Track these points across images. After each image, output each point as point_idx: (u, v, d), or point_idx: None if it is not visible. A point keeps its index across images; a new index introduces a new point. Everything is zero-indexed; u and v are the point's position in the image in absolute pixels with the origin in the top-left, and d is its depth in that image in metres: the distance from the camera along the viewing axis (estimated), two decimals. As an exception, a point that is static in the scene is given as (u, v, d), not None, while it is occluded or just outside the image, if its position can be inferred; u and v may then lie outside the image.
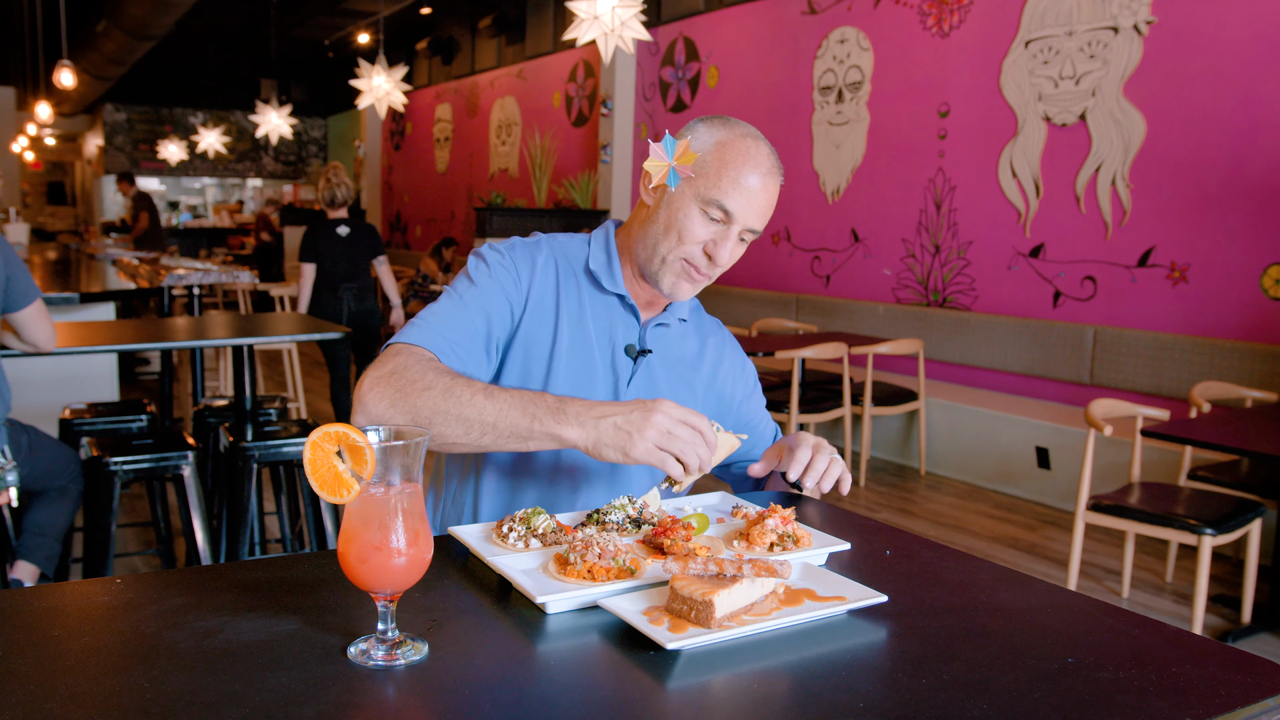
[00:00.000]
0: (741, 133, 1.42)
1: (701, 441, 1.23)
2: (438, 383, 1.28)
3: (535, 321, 1.47)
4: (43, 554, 2.93)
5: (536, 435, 1.25)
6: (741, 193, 1.39)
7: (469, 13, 11.07)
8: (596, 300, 1.51)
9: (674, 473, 1.24)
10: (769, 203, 1.43)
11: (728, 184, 1.39)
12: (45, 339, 2.79)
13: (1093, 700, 0.88)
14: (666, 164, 1.40)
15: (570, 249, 1.54)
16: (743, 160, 1.40)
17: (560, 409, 1.24)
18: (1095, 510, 3.31)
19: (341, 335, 3.44)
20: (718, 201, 1.39)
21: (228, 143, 13.46)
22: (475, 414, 1.25)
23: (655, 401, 1.23)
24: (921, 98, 6.02)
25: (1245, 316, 4.53)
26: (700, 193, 1.40)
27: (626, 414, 1.22)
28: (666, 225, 1.43)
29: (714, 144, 1.41)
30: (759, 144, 1.43)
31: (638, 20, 5.05)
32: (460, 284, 1.47)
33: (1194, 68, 4.66)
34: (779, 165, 1.45)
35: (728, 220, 1.40)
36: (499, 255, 1.49)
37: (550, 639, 1.00)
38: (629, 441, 1.21)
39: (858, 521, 1.42)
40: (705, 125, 1.44)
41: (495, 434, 1.26)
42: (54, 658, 0.90)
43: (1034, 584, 1.18)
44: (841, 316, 6.50)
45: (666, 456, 1.22)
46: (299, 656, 0.92)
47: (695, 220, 1.41)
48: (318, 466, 0.92)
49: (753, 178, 1.40)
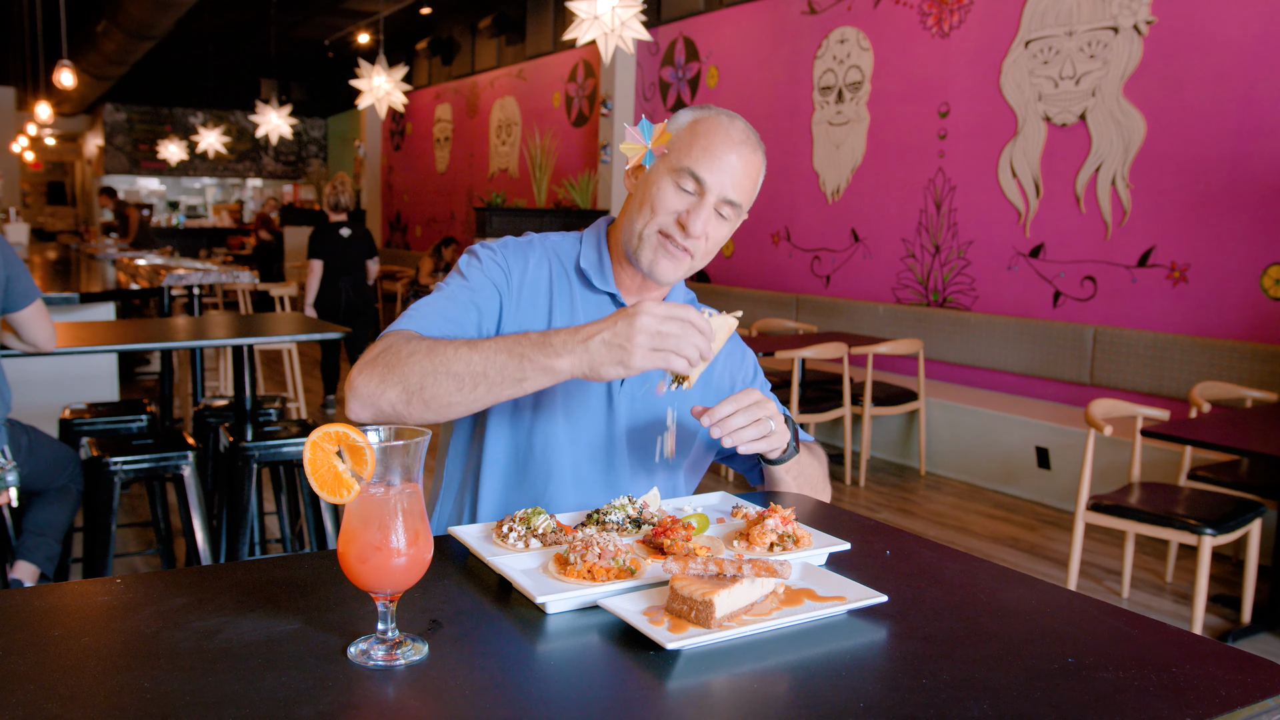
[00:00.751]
0: (716, 112, 1.44)
1: (695, 330, 1.19)
2: (420, 347, 1.29)
3: (528, 321, 1.47)
4: (43, 554, 2.93)
5: (529, 374, 1.24)
6: (712, 159, 1.39)
7: (469, 13, 11.07)
8: (588, 299, 1.51)
9: (679, 368, 1.21)
10: (745, 173, 1.42)
11: (698, 152, 1.39)
12: (45, 339, 2.80)
13: (1093, 700, 0.88)
14: (643, 146, 1.41)
15: (562, 248, 1.54)
16: (714, 131, 1.41)
17: (545, 342, 1.23)
18: (1095, 510, 3.31)
19: (341, 335, 3.45)
20: (688, 168, 1.39)
21: (228, 143, 13.45)
22: (464, 367, 1.25)
23: (635, 306, 1.20)
24: (921, 98, 6.02)
25: (1245, 316, 4.53)
26: (671, 163, 1.41)
27: (612, 327, 1.20)
28: (641, 201, 1.44)
29: (688, 122, 1.43)
30: (733, 120, 1.43)
31: (638, 20, 5.05)
32: (451, 279, 1.48)
33: (1194, 68, 4.66)
34: (758, 141, 1.45)
35: (700, 190, 1.40)
36: (490, 252, 1.49)
37: (550, 639, 1.00)
38: (624, 353, 1.19)
39: (858, 521, 1.42)
40: (685, 111, 1.46)
41: (488, 383, 1.25)
42: (54, 658, 0.90)
43: (1034, 584, 1.18)
44: (841, 316, 6.51)
45: (667, 355, 1.19)
46: (299, 656, 0.92)
47: (668, 192, 1.41)
48: (318, 466, 0.92)
49: (724, 146, 1.40)
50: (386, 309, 11.12)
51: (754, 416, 1.34)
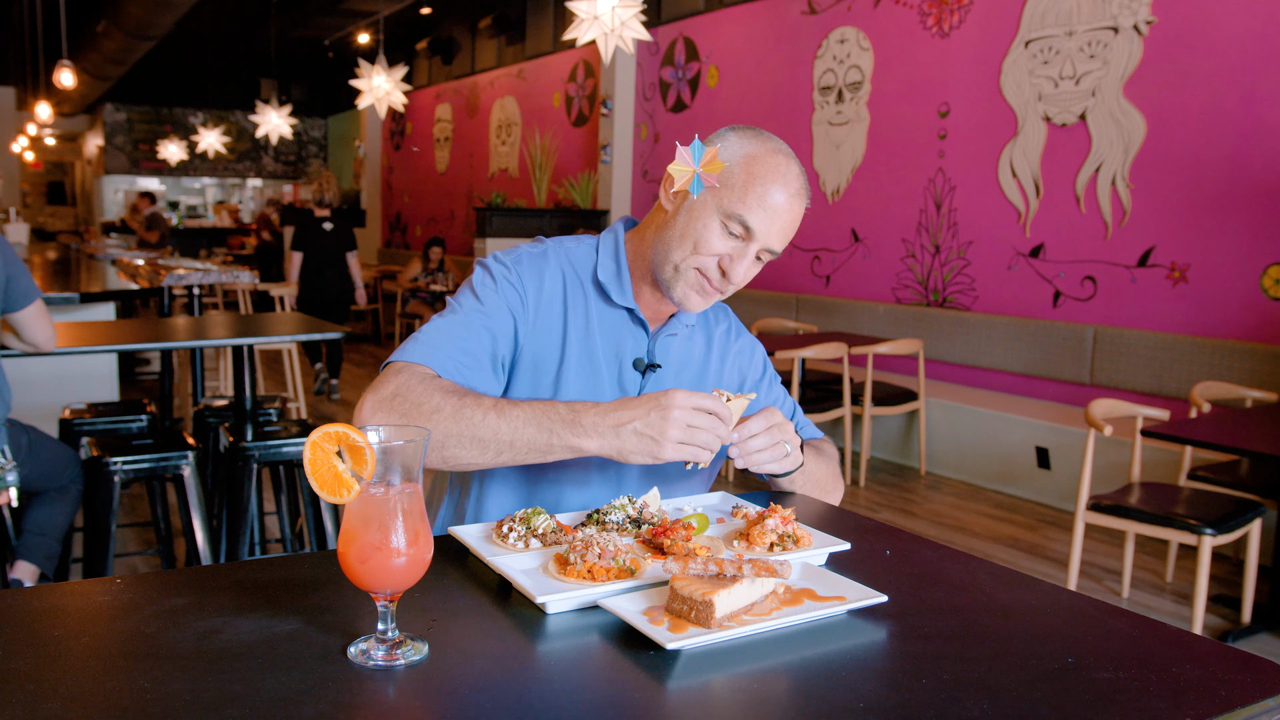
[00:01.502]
0: (773, 148, 1.37)
1: (719, 423, 1.23)
2: (446, 404, 1.25)
3: (542, 337, 1.43)
4: (43, 554, 2.93)
5: (556, 449, 1.24)
6: (766, 210, 1.34)
7: (469, 13, 11.07)
8: (604, 313, 1.47)
9: (702, 460, 1.25)
10: (792, 224, 1.38)
11: (753, 199, 1.34)
12: (45, 339, 2.80)
13: (1093, 700, 0.88)
14: (691, 169, 1.33)
15: (577, 256, 1.49)
16: (771, 177, 1.35)
17: (575, 420, 1.23)
18: (1095, 510, 3.31)
19: (340, 335, 3.45)
20: (740, 216, 1.34)
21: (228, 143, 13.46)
22: (490, 434, 1.24)
23: (666, 396, 1.22)
24: (921, 98, 6.02)
25: (1245, 316, 4.53)
26: (723, 204, 1.35)
27: (645, 416, 1.21)
28: (683, 233, 1.38)
29: (743, 156, 1.36)
30: (790, 162, 1.37)
31: (638, 20, 5.05)
32: (465, 299, 1.42)
33: (1194, 68, 4.66)
34: (807, 187, 1.40)
35: (747, 237, 1.36)
36: (504, 269, 1.44)
37: (550, 639, 1.00)
38: (655, 446, 1.21)
39: (858, 521, 1.42)
40: (736, 135, 1.39)
41: (513, 451, 1.25)
42: (54, 658, 0.90)
43: (1034, 584, 1.18)
44: (841, 316, 6.50)
45: (695, 449, 1.22)
46: (299, 656, 0.92)
47: (714, 232, 1.36)
48: (318, 466, 0.92)
49: (779, 196, 1.35)
50: (386, 309, 11.12)
51: (774, 440, 1.36)
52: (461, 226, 11.82)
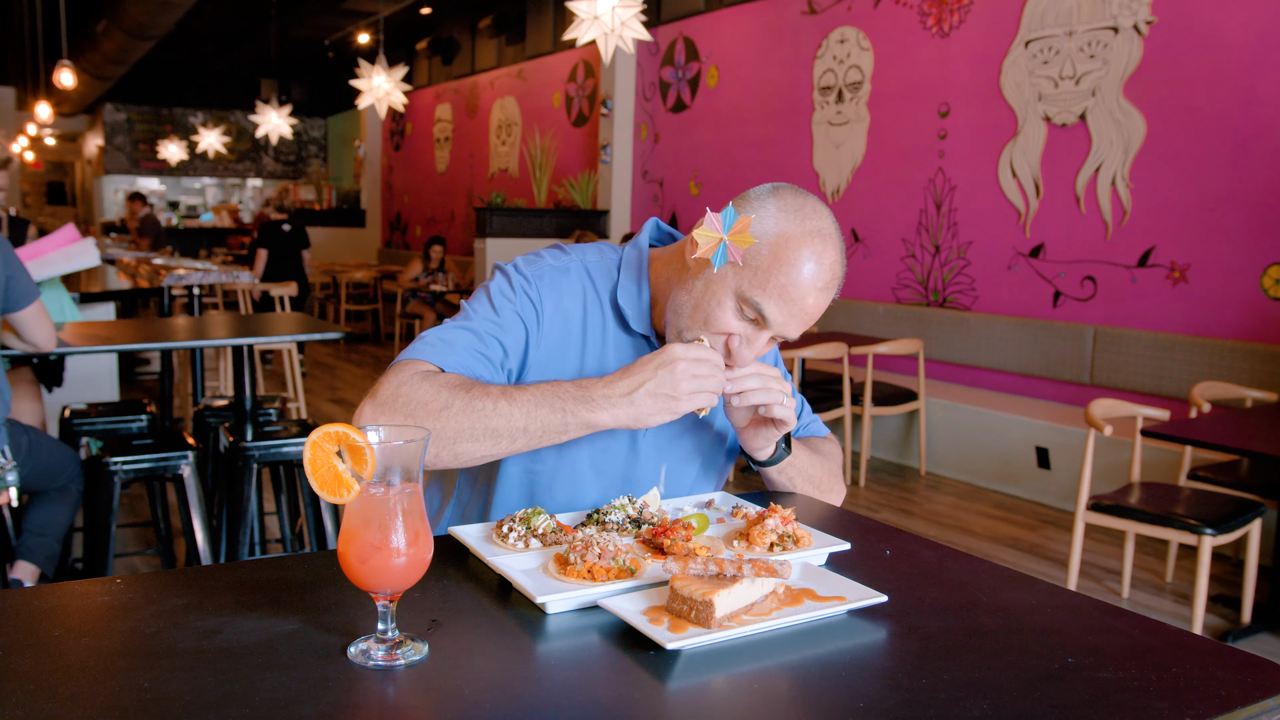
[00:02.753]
0: (811, 229, 1.25)
1: (718, 368, 1.24)
2: (454, 400, 1.22)
3: (555, 356, 1.39)
4: (43, 554, 2.93)
5: (571, 427, 1.23)
6: (787, 303, 1.25)
7: (469, 13, 11.07)
8: (622, 341, 1.42)
9: (708, 405, 1.26)
10: (814, 316, 1.28)
11: (774, 289, 1.24)
12: (45, 339, 2.80)
13: (1093, 700, 0.88)
14: (718, 238, 1.21)
15: (599, 273, 1.42)
16: (800, 268, 1.24)
17: (585, 395, 1.22)
18: (1095, 510, 3.31)
19: (340, 335, 3.45)
20: (757, 303, 1.25)
21: (228, 143, 13.46)
22: (503, 423, 1.21)
23: (665, 353, 1.22)
24: (921, 98, 6.02)
25: (1245, 316, 4.53)
26: (741, 286, 1.25)
27: (653, 378, 1.21)
28: (696, 304, 1.30)
29: (775, 235, 1.24)
30: (825, 248, 1.25)
31: (638, 20, 5.05)
32: (480, 306, 1.37)
33: (1194, 68, 4.66)
34: (841, 275, 1.29)
35: (762, 324, 1.27)
36: (525, 281, 1.38)
37: (550, 639, 1.00)
38: (672, 401, 1.21)
39: (858, 521, 1.42)
40: (776, 205, 1.27)
41: (528, 437, 1.23)
42: (54, 658, 0.90)
43: (1034, 584, 1.18)
44: (841, 316, 6.51)
45: (706, 395, 1.23)
46: (299, 656, 0.92)
47: (728, 311, 1.27)
48: (318, 466, 0.92)
49: (805, 290, 1.25)
50: (386, 309, 11.12)
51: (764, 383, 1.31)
52: (461, 226, 11.82)
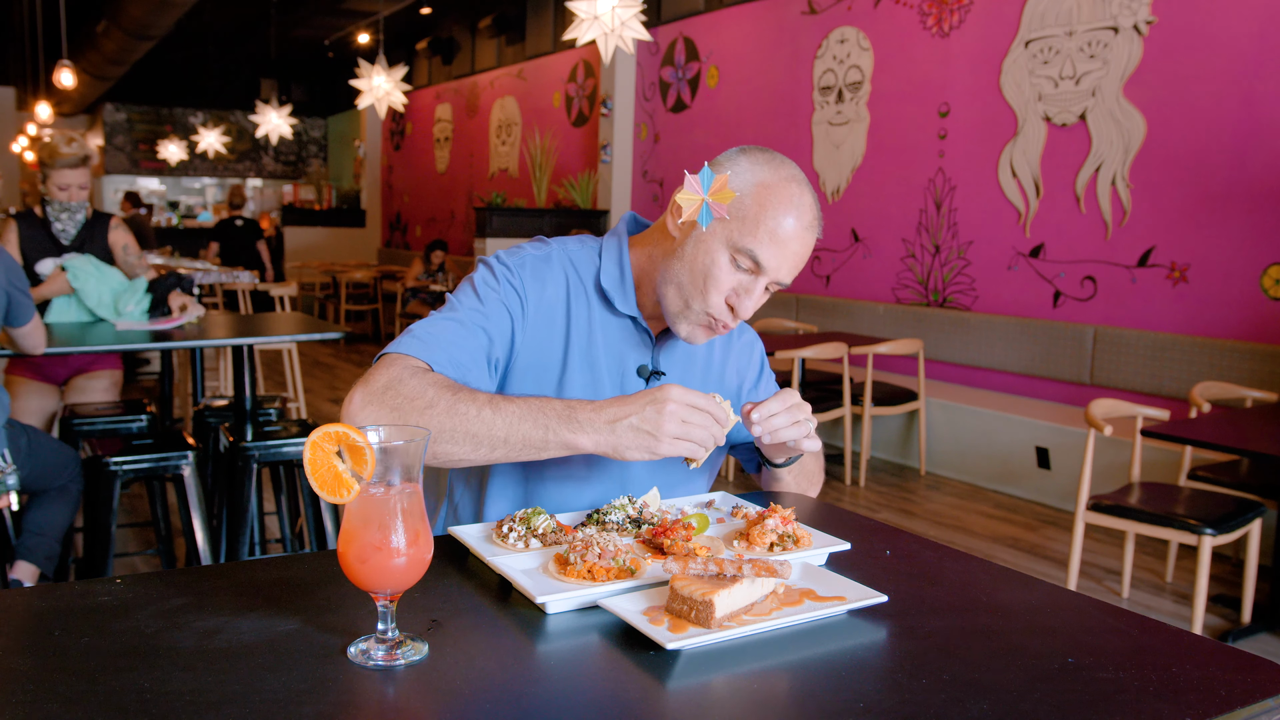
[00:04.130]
0: (786, 175, 1.32)
1: (713, 421, 1.22)
2: (440, 399, 1.22)
3: (542, 343, 1.41)
4: (43, 554, 2.93)
5: (551, 445, 1.22)
6: (777, 244, 1.31)
7: (469, 13, 11.07)
8: (608, 321, 1.45)
9: (697, 455, 1.24)
10: (803, 256, 1.34)
11: (764, 233, 1.30)
12: (35, 344, 2.93)
13: (1093, 700, 0.88)
14: (700, 198, 1.28)
15: (581, 260, 1.46)
16: (784, 208, 1.30)
17: (571, 416, 1.21)
18: (1095, 510, 3.31)
19: (340, 335, 3.46)
20: (750, 250, 1.31)
21: (228, 143, 13.44)
22: (484, 430, 1.21)
23: (662, 392, 1.20)
24: (921, 98, 6.02)
25: (1245, 316, 4.53)
26: (732, 237, 1.31)
27: (640, 411, 1.19)
28: (691, 268, 1.35)
29: (754, 185, 1.31)
30: (803, 191, 1.33)
31: (638, 20, 5.05)
32: (465, 297, 1.40)
33: (1194, 68, 4.66)
34: (820, 216, 1.36)
35: (757, 271, 1.33)
36: (507, 271, 1.41)
37: (550, 639, 1.00)
38: (652, 440, 1.19)
39: (858, 521, 1.42)
40: (748, 160, 1.34)
41: (507, 448, 1.22)
42: (54, 658, 0.90)
43: (1034, 584, 1.18)
44: (841, 316, 6.51)
45: (691, 445, 1.21)
46: (299, 656, 0.92)
47: (723, 267, 1.33)
48: (318, 466, 0.92)
49: (791, 229, 1.31)
50: (386, 309, 11.12)
51: (794, 418, 1.34)
52: (461, 226, 11.82)
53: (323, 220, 14.48)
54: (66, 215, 3.57)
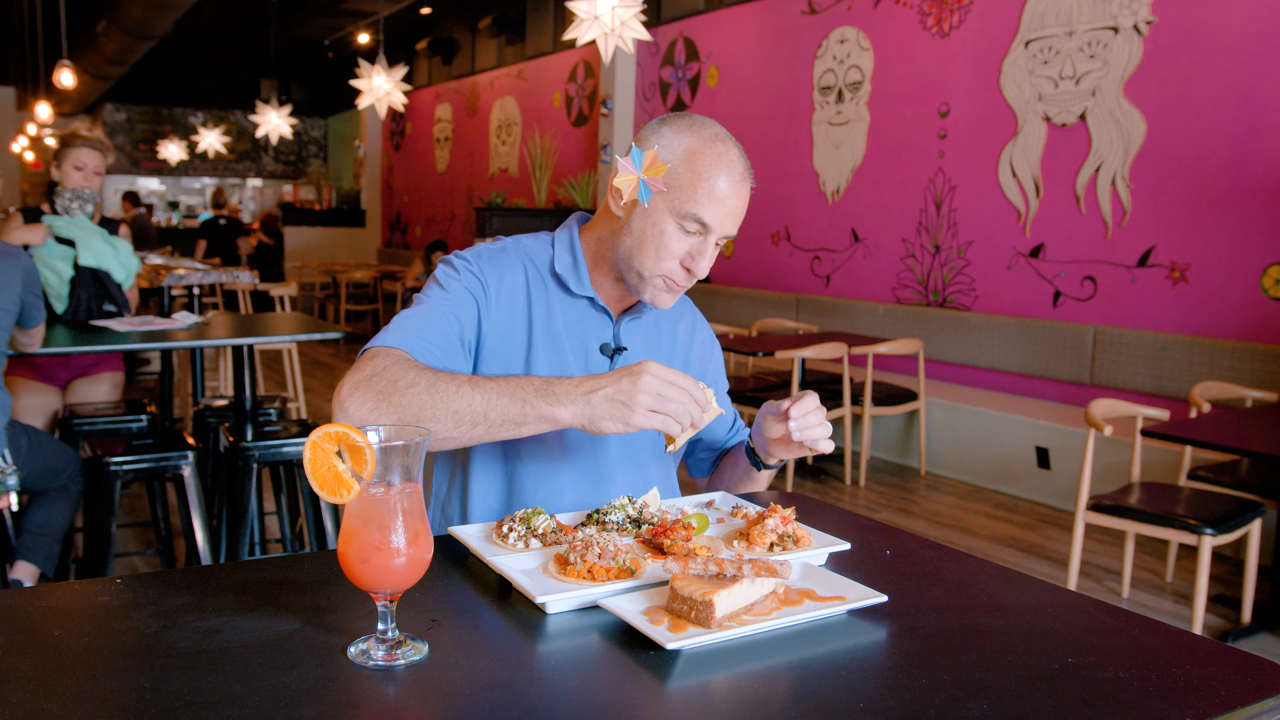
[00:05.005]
0: (710, 136, 1.39)
1: (691, 399, 1.23)
2: (420, 379, 1.27)
3: (506, 326, 1.47)
4: (43, 554, 2.93)
5: (530, 419, 1.25)
6: (716, 202, 1.37)
7: (469, 13, 11.07)
8: (567, 304, 1.50)
9: (673, 432, 1.24)
10: (742, 207, 1.41)
11: (703, 196, 1.36)
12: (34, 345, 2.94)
13: (1093, 700, 0.88)
14: (635, 177, 1.35)
15: (535, 251, 1.53)
16: (716, 168, 1.37)
17: (548, 389, 1.24)
18: (1095, 510, 3.31)
19: (340, 335, 3.46)
20: (693, 214, 1.37)
21: (228, 143, 13.45)
22: (464, 406, 1.25)
23: (639, 365, 1.23)
24: (921, 98, 6.02)
25: (1245, 316, 4.53)
26: (675, 207, 1.38)
27: (616, 383, 1.22)
28: (641, 240, 1.41)
29: (683, 152, 1.38)
30: (729, 146, 1.39)
31: (638, 20, 5.05)
32: (430, 290, 1.46)
33: (1194, 68, 4.66)
34: (749, 167, 1.43)
35: (704, 231, 1.39)
36: (465, 262, 1.49)
37: (550, 639, 1.00)
38: (626, 411, 1.21)
39: (858, 521, 1.42)
40: (670, 129, 1.40)
41: (487, 424, 1.25)
42: (54, 658, 0.90)
43: (1034, 584, 1.18)
44: (841, 316, 6.50)
45: (665, 418, 1.22)
46: (299, 656, 0.92)
47: (672, 235, 1.39)
48: (318, 466, 0.92)
49: (727, 185, 1.37)
50: (386, 309, 11.12)
51: (822, 419, 1.41)
52: (461, 226, 11.82)
53: (323, 220, 14.49)
54: (78, 204, 3.51)
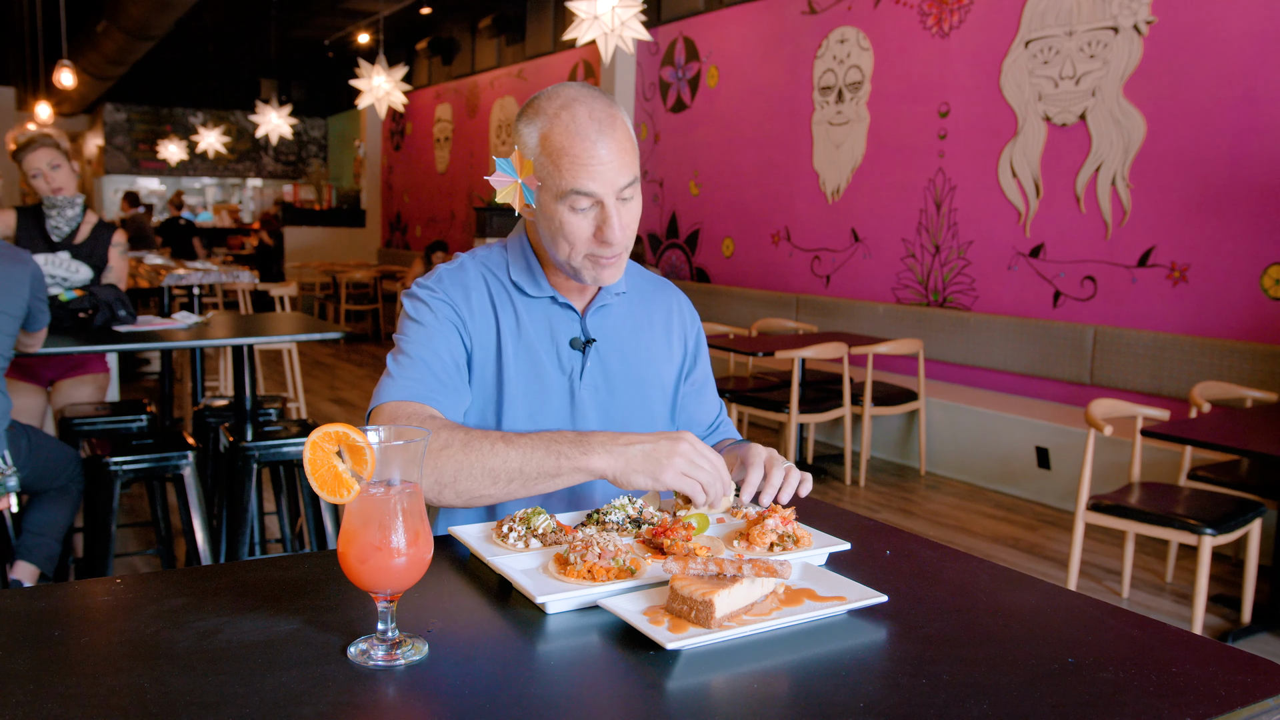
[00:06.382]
0: (555, 110, 1.35)
1: (719, 476, 1.26)
2: (454, 439, 1.28)
3: (481, 338, 1.47)
4: (43, 554, 2.93)
5: (565, 471, 1.26)
6: (585, 169, 1.33)
7: (469, 13, 11.07)
8: (530, 306, 1.50)
9: (697, 499, 1.27)
10: (621, 151, 1.36)
11: (569, 170, 1.33)
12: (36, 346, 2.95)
13: (1093, 700, 0.88)
14: (513, 184, 1.36)
15: (491, 261, 1.53)
16: (568, 138, 1.33)
17: (583, 441, 1.26)
18: (1095, 510, 3.31)
19: (340, 335, 3.46)
20: (572, 190, 1.34)
21: (228, 143, 13.45)
22: (500, 463, 1.26)
23: (679, 433, 1.27)
24: (921, 98, 6.02)
25: (1245, 316, 4.53)
26: (555, 193, 1.36)
27: (654, 442, 1.25)
28: (551, 235, 1.40)
29: (538, 140, 1.36)
30: (574, 110, 1.34)
31: (638, 20, 5.05)
32: (410, 331, 1.45)
33: (1194, 68, 4.66)
34: (610, 105, 1.37)
35: (595, 199, 1.36)
36: (431, 291, 1.47)
37: (550, 639, 1.00)
38: (659, 467, 1.24)
39: (858, 521, 1.42)
40: (523, 124, 1.39)
41: (523, 479, 1.26)
42: (54, 658, 0.90)
43: (1034, 584, 1.18)
44: (841, 316, 6.50)
45: (693, 484, 1.25)
46: (299, 656, 0.92)
47: (569, 221, 1.37)
48: (318, 466, 0.92)
49: (587, 148, 1.33)
50: (386, 309, 11.12)
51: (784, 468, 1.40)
52: (461, 226, 11.82)
53: (323, 220, 14.48)
54: (56, 211, 3.57)
